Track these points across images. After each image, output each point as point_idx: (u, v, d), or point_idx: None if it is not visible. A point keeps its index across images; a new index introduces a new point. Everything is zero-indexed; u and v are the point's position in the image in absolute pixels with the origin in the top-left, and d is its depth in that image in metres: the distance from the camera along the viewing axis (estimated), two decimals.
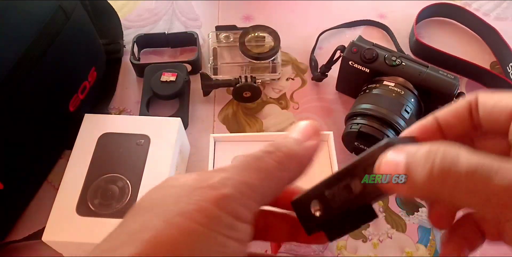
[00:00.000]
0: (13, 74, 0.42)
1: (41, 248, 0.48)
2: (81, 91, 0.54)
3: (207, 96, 0.60)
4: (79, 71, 0.54)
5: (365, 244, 0.50)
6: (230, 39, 0.63)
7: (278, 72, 0.62)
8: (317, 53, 0.65)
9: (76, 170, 0.46)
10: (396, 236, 0.50)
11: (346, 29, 0.69)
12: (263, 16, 0.70)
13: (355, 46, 0.54)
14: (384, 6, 0.71)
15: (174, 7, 0.72)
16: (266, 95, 0.62)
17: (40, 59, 0.45)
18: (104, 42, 0.63)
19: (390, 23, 0.68)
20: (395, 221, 0.51)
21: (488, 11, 0.71)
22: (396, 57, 0.53)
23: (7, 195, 0.46)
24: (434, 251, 0.49)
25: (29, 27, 0.45)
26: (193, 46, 0.65)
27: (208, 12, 0.71)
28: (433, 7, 0.68)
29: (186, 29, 0.69)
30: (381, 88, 0.51)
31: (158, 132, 0.49)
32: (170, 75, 0.59)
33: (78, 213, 0.44)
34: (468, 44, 0.68)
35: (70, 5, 0.50)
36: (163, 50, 0.67)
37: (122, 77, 0.64)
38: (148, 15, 0.71)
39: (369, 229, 0.51)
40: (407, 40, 0.67)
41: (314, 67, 0.63)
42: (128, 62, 0.63)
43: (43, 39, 0.46)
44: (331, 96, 0.62)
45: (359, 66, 0.54)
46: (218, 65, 0.62)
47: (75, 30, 0.51)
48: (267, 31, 0.62)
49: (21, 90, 0.44)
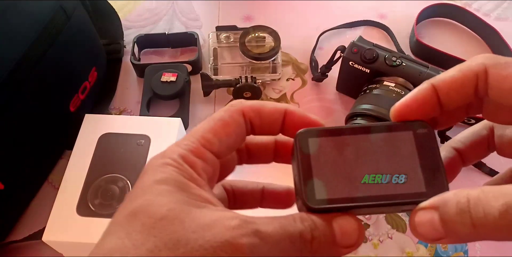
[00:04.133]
0: (14, 74, 0.42)
1: (42, 248, 0.48)
2: (82, 92, 0.54)
3: (208, 96, 0.60)
4: (79, 71, 0.54)
5: (365, 244, 0.50)
6: (231, 39, 0.63)
7: (279, 72, 0.62)
8: (318, 53, 0.65)
9: (77, 170, 0.46)
10: (397, 237, 0.50)
11: (346, 30, 0.69)
12: (263, 16, 0.70)
13: (356, 46, 0.54)
14: (384, 7, 0.71)
15: (174, 7, 0.72)
16: (266, 95, 0.62)
17: (41, 59, 0.45)
18: (104, 43, 0.63)
19: (390, 24, 0.68)
20: (396, 221, 0.51)
21: (489, 12, 0.71)
22: (397, 58, 0.53)
23: (8, 195, 0.46)
24: (434, 251, 0.49)
25: (30, 27, 0.45)
26: (193, 46, 0.65)
27: (208, 12, 0.71)
28: (433, 7, 0.68)
29: (187, 29, 0.69)
30: (382, 89, 0.51)
31: (158, 132, 0.49)
32: (170, 75, 0.59)
33: (78, 213, 0.44)
34: (469, 44, 0.68)
35: (70, 5, 0.50)
36: (163, 51, 0.67)
37: (122, 77, 0.64)
38: (149, 15, 0.71)
39: (369, 230, 0.51)
40: (407, 40, 0.67)
41: (315, 67, 0.63)
42: (128, 63, 0.63)
43: (43, 39, 0.46)
44: (331, 97, 0.62)
45: (359, 66, 0.54)
46: (219, 65, 0.62)
47: (75, 30, 0.51)
48: (268, 31, 0.62)
49: (21, 91, 0.44)
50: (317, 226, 0.21)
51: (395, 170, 0.22)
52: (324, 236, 0.21)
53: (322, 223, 0.21)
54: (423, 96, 0.23)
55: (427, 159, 0.22)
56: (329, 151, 0.23)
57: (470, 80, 0.22)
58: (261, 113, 0.24)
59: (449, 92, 0.23)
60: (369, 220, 0.51)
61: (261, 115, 0.24)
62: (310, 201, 0.22)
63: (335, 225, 0.21)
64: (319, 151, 0.23)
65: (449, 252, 0.49)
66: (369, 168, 0.22)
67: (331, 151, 0.23)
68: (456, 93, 0.22)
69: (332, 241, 0.21)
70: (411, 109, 0.24)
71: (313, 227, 0.20)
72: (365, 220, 0.51)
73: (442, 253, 0.49)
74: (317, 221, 0.21)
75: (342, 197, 0.22)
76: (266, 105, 0.24)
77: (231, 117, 0.23)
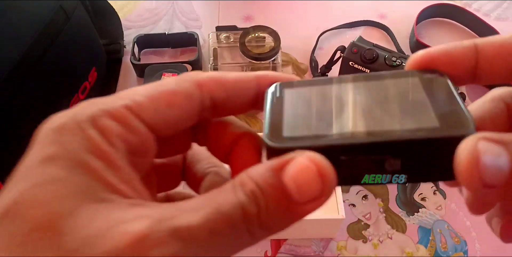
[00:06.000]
0: (14, 74, 0.42)
1: None
2: (82, 91, 0.54)
3: None
4: (79, 71, 0.54)
5: (365, 244, 0.50)
6: (231, 39, 0.63)
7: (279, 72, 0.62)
8: (318, 53, 0.65)
9: None
10: (396, 237, 0.50)
11: (346, 30, 0.69)
12: (263, 16, 0.70)
13: (356, 46, 0.54)
14: (384, 7, 0.71)
15: (174, 7, 0.72)
16: None
17: (41, 59, 0.45)
18: (104, 43, 0.63)
19: (390, 24, 0.68)
20: (395, 222, 0.51)
21: (489, 12, 0.71)
22: (397, 58, 0.53)
23: None
24: (434, 252, 0.49)
25: (30, 27, 0.45)
26: (193, 46, 0.65)
27: (208, 12, 0.71)
28: (433, 7, 0.68)
29: (187, 29, 0.69)
30: None
31: None
32: (170, 75, 0.59)
33: None
34: None
35: (70, 6, 0.50)
36: (163, 51, 0.67)
37: (122, 77, 0.64)
38: (149, 15, 0.71)
39: (369, 230, 0.51)
40: (407, 40, 0.67)
41: (315, 67, 0.63)
42: (128, 63, 0.63)
43: (43, 39, 0.46)
44: None
45: (359, 66, 0.54)
46: (219, 65, 0.62)
47: (75, 30, 0.51)
48: (268, 31, 0.62)
49: (21, 90, 0.44)
50: (263, 188, 0.15)
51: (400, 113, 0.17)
52: (273, 199, 0.15)
53: (269, 180, 0.15)
54: (457, 54, 0.18)
55: (441, 103, 0.17)
56: (306, 98, 0.19)
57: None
58: (224, 84, 0.18)
59: (494, 57, 0.18)
60: (369, 220, 0.51)
61: (225, 86, 0.18)
62: (271, 138, 0.17)
63: (286, 176, 0.15)
64: (293, 98, 0.19)
65: (449, 252, 0.49)
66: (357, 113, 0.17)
67: (308, 98, 0.19)
68: (504, 60, 0.18)
69: (286, 202, 0.15)
70: (433, 61, 0.18)
71: (257, 192, 0.15)
72: (365, 220, 0.51)
73: (442, 253, 0.49)
74: (261, 178, 0.15)
75: (318, 134, 0.17)
76: (230, 74, 0.19)
77: (179, 85, 0.18)
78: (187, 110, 0.17)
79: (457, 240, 0.50)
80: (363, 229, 0.51)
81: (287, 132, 0.17)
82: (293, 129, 0.17)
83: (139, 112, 0.16)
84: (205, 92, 0.18)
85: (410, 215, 0.52)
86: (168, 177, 0.22)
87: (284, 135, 0.17)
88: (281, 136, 0.17)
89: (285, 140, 0.17)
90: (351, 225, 0.51)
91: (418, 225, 0.51)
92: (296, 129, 0.17)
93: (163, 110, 0.17)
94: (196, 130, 0.20)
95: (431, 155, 0.16)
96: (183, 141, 0.21)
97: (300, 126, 0.17)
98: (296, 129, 0.17)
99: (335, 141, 0.16)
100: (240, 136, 0.19)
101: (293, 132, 0.17)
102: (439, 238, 0.50)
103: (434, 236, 0.50)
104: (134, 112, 0.16)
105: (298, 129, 0.17)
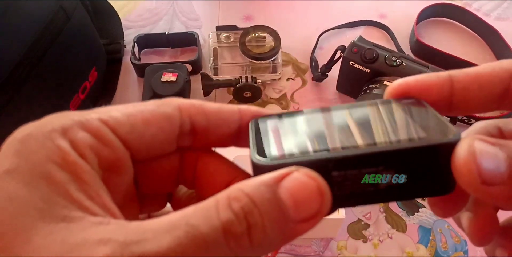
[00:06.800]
0: (14, 74, 0.42)
1: None
2: (82, 91, 0.54)
3: (208, 96, 0.60)
4: (79, 71, 0.54)
5: (365, 244, 0.50)
6: (231, 39, 0.63)
7: (279, 72, 0.62)
8: (318, 53, 0.65)
9: None
10: (397, 236, 0.50)
11: (346, 30, 0.69)
12: (263, 16, 0.70)
13: (356, 46, 0.54)
14: (384, 7, 0.71)
15: (174, 7, 0.72)
16: (266, 95, 0.62)
17: (41, 59, 0.45)
18: (104, 42, 0.63)
19: (390, 24, 0.68)
20: (396, 221, 0.51)
21: (489, 11, 0.71)
22: (397, 58, 0.53)
23: None
24: (434, 251, 0.49)
25: (30, 27, 0.45)
26: (193, 46, 0.65)
27: (208, 12, 0.71)
28: (433, 7, 0.68)
29: (187, 29, 0.69)
30: (382, 89, 0.51)
31: None
32: (170, 75, 0.59)
33: None
34: (469, 44, 0.68)
35: (70, 5, 0.50)
36: (163, 50, 0.67)
37: (122, 77, 0.64)
38: (149, 15, 0.71)
39: (370, 229, 0.51)
40: (407, 40, 0.67)
41: (315, 67, 0.63)
42: (128, 63, 0.63)
43: (43, 39, 0.46)
44: (331, 97, 0.62)
45: (359, 66, 0.54)
46: (219, 65, 0.62)
47: (75, 30, 0.51)
48: (268, 31, 0.62)
49: (22, 91, 0.44)
50: (258, 203, 0.14)
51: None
52: (271, 215, 0.14)
53: (265, 195, 0.14)
54: (431, 82, 0.19)
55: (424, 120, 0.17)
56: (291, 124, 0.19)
57: (501, 78, 0.18)
58: (205, 111, 0.18)
59: (469, 87, 0.18)
60: (369, 220, 0.51)
61: (206, 113, 0.18)
62: (257, 157, 0.16)
63: (282, 191, 0.14)
64: (277, 125, 0.19)
65: (449, 252, 0.49)
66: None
67: (290, 125, 0.19)
68: (479, 89, 0.18)
69: (284, 219, 0.14)
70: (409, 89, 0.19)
71: (251, 207, 0.13)
72: (365, 220, 0.51)
73: (442, 253, 0.49)
74: (257, 192, 0.14)
75: (305, 150, 0.16)
76: (212, 104, 0.19)
77: (158, 106, 0.17)
78: (165, 130, 0.17)
79: (457, 239, 0.50)
80: (363, 229, 0.51)
81: (274, 152, 0.17)
82: (279, 149, 0.17)
83: (115, 126, 0.15)
84: (185, 116, 0.17)
85: (410, 215, 0.52)
86: (153, 199, 0.21)
87: (271, 154, 0.17)
88: (269, 155, 0.17)
89: (272, 159, 0.16)
90: (351, 224, 0.51)
91: (418, 225, 0.51)
92: (282, 149, 0.17)
93: (140, 127, 0.16)
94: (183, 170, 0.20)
95: (422, 164, 0.16)
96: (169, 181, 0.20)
97: (287, 147, 0.17)
98: (282, 149, 0.17)
99: (325, 155, 0.16)
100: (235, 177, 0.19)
101: (279, 151, 0.17)
102: (439, 237, 0.50)
103: (434, 235, 0.50)
104: (110, 126, 0.15)
105: (284, 149, 0.17)
